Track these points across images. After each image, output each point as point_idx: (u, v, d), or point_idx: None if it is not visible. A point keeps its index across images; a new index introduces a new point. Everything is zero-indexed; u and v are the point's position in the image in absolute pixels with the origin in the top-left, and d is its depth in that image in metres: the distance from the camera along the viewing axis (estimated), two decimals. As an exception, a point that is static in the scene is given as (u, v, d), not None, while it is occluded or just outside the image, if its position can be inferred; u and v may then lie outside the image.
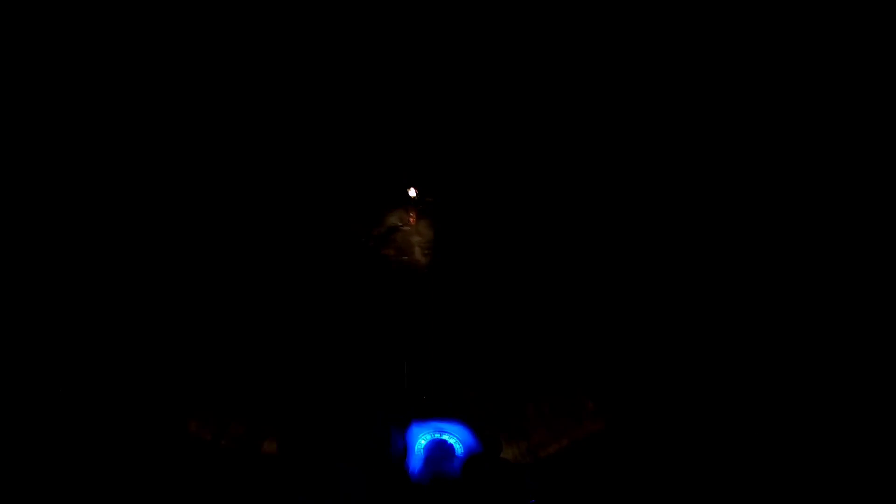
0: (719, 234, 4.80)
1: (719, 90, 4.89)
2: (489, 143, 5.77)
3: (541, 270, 5.00)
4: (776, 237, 4.61)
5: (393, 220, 5.71)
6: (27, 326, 3.98)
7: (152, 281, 4.50)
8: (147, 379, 3.86)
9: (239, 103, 5.22)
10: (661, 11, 4.94)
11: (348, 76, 5.39)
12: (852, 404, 3.46)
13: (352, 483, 2.84)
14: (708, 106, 4.97)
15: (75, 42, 4.73)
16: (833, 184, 4.47)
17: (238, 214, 5.04)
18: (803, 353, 3.82)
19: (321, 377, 3.89)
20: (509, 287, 4.79)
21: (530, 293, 4.78)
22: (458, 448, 3.18)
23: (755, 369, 3.88)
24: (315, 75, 5.35)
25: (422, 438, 3.18)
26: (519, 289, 4.82)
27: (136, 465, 3.25)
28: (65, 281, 4.36)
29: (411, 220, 5.65)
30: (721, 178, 4.93)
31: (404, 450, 3.04)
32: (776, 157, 4.70)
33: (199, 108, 5.11)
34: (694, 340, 4.11)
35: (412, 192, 5.91)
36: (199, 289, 4.52)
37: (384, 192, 5.63)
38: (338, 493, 2.79)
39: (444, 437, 3.20)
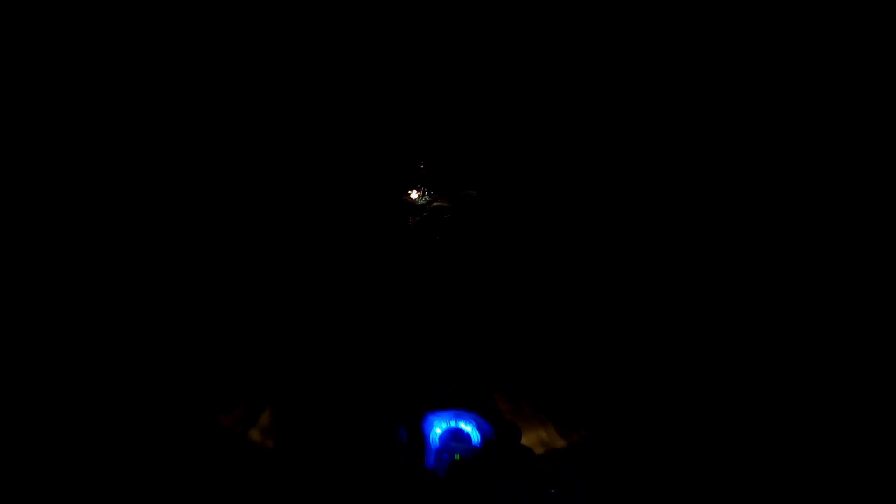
0: (718, 235, 4.80)
1: (732, 91, 4.89)
2: (492, 144, 5.84)
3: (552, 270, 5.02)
4: (774, 239, 4.60)
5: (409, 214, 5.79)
6: (27, 326, 3.98)
7: (168, 279, 4.57)
8: (166, 376, 3.90)
9: (245, 102, 5.30)
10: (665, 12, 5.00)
11: (351, 76, 5.49)
12: (844, 418, 3.41)
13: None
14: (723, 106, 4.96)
15: (76, 42, 4.66)
16: (833, 184, 4.45)
17: (248, 212, 5.13)
18: (798, 356, 3.80)
19: (335, 369, 3.93)
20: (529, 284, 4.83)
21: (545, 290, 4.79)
22: (475, 436, 3.16)
23: (753, 370, 3.86)
24: (321, 75, 5.43)
25: (438, 427, 3.17)
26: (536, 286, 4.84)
27: (145, 461, 3.29)
28: (64, 280, 4.33)
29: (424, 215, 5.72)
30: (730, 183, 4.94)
31: (415, 440, 3.03)
32: (776, 157, 4.69)
33: (208, 107, 5.19)
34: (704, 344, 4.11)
35: (414, 195, 5.99)
36: (214, 284, 4.60)
37: (392, 189, 5.71)
38: None
39: (461, 424, 3.18)
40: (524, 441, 3.37)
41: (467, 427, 3.20)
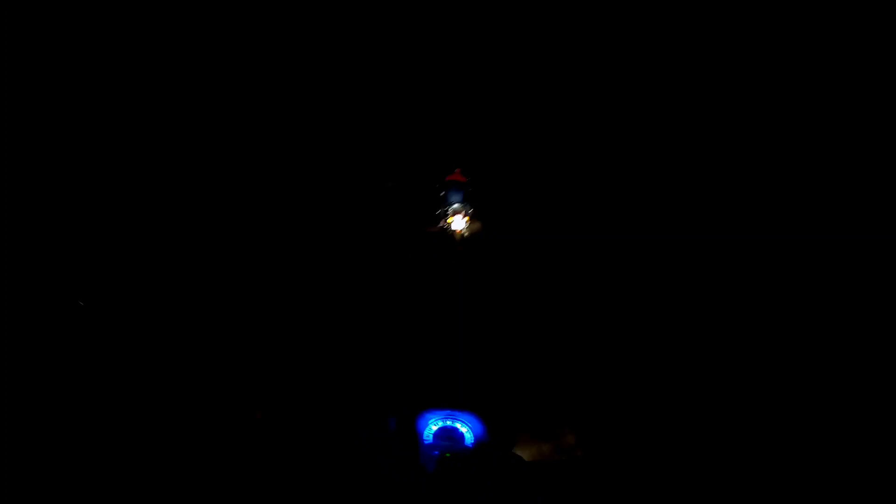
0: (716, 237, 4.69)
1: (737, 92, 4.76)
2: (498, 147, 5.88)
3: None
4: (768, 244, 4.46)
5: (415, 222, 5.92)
6: (27, 326, 4.13)
7: (178, 279, 4.77)
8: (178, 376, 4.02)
9: (256, 106, 5.46)
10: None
11: (361, 77, 5.55)
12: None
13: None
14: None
15: (76, 42, 4.77)
16: (833, 183, 4.26)
17: (257, 214, 5.36)
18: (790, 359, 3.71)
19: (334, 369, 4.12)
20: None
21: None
22: (469, 437, 3.24)
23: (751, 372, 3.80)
24: (329, 75, 5.54)
25: (433, 424, 3.28)
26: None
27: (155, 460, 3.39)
28: (63, 280, 4.51)
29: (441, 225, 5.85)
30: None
31: (406, 434, 3.15)
32: (775, 158, 4.52)
33: (223, 109, 5.36)
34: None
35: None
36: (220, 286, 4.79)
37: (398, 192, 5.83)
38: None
39: (456, 424, 3.28)
40: (519, 448, 3.42)
41: (463, 427, 3.28)
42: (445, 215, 6.34)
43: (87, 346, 4.15)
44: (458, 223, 6.16)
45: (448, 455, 3.12)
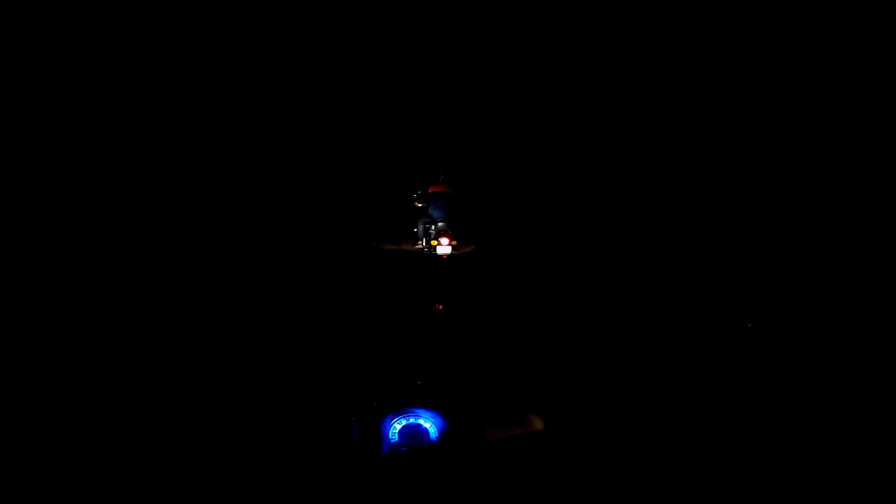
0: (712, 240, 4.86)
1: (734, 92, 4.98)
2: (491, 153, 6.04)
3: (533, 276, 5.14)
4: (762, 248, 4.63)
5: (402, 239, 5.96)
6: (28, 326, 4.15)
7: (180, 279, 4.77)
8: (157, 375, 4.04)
9: (259, 108, 5.51)
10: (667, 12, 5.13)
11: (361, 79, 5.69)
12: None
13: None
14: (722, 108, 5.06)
15: (75, 42, 4.85)
16: (832, 184, 4.47)
17: (253, 217, 5.35)
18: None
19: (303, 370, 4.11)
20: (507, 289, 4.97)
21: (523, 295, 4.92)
22: (433, 432, 3.29)
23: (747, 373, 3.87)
24: (330, 79, 5.67)
25: (397, 423, 3.31)
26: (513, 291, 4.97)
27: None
28: (63, 279, 4.55)
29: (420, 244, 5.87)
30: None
31: (369, 431, 3.17)
32: (774, 158, 4.75)
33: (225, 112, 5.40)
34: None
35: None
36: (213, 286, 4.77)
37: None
38: None
39: (420, 421, 3.32)
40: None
41: (426, 424, 3.33)
42: (429, 236, 5.68)
43: (85, 346, 4.14)
44: (444, 248, 5.55)
45: (414, 451, 3.15)
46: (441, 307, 4.89)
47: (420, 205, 5.71)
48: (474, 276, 5.38)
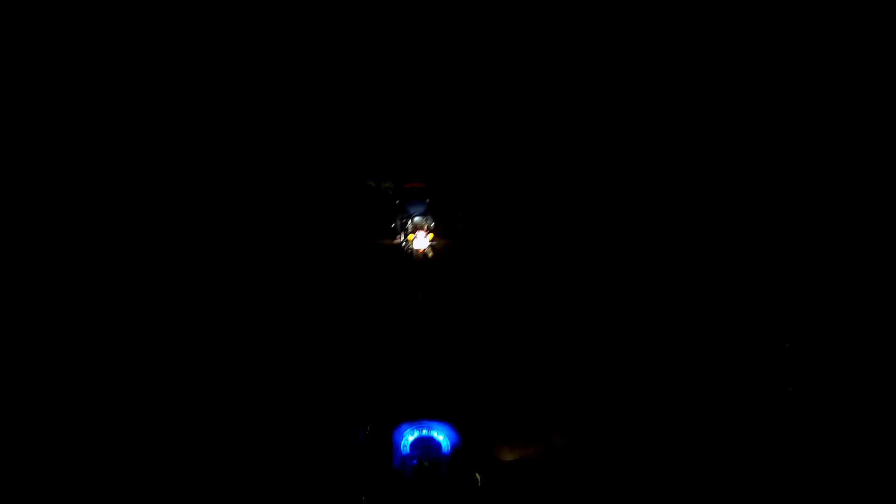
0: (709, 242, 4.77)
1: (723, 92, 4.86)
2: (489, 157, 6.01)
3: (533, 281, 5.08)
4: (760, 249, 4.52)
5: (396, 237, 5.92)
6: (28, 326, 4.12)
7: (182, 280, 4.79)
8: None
9: (256, 109, 5.56)
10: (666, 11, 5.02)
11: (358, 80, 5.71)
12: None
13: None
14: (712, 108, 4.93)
15: (75, 42, 4.76)
16: (831, 184, 4.32)
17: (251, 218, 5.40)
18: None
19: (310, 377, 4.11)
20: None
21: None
22: (445, 445, 3.25)
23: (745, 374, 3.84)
24: (330, 80, 5.70)
25: (409, 435, 3.29)
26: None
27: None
28: (63, 280, 4.47)
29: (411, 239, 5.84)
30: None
31: (380, 443, 3.16)
32: (774, 158, 4.58)
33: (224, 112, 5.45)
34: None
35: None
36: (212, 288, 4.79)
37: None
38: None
39: (432, 433, 3.29)
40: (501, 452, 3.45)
41: (439, 436, 3.29)
42: (405, 230, 5.74)
43: (83, 346, 4.14)
44: (421, 241, 5.56)
45: (426, 464, 3.12)
46: (420, 297, 4.89)
47: (397, 201, 5.91)
48: (473, 276, 5.30)
